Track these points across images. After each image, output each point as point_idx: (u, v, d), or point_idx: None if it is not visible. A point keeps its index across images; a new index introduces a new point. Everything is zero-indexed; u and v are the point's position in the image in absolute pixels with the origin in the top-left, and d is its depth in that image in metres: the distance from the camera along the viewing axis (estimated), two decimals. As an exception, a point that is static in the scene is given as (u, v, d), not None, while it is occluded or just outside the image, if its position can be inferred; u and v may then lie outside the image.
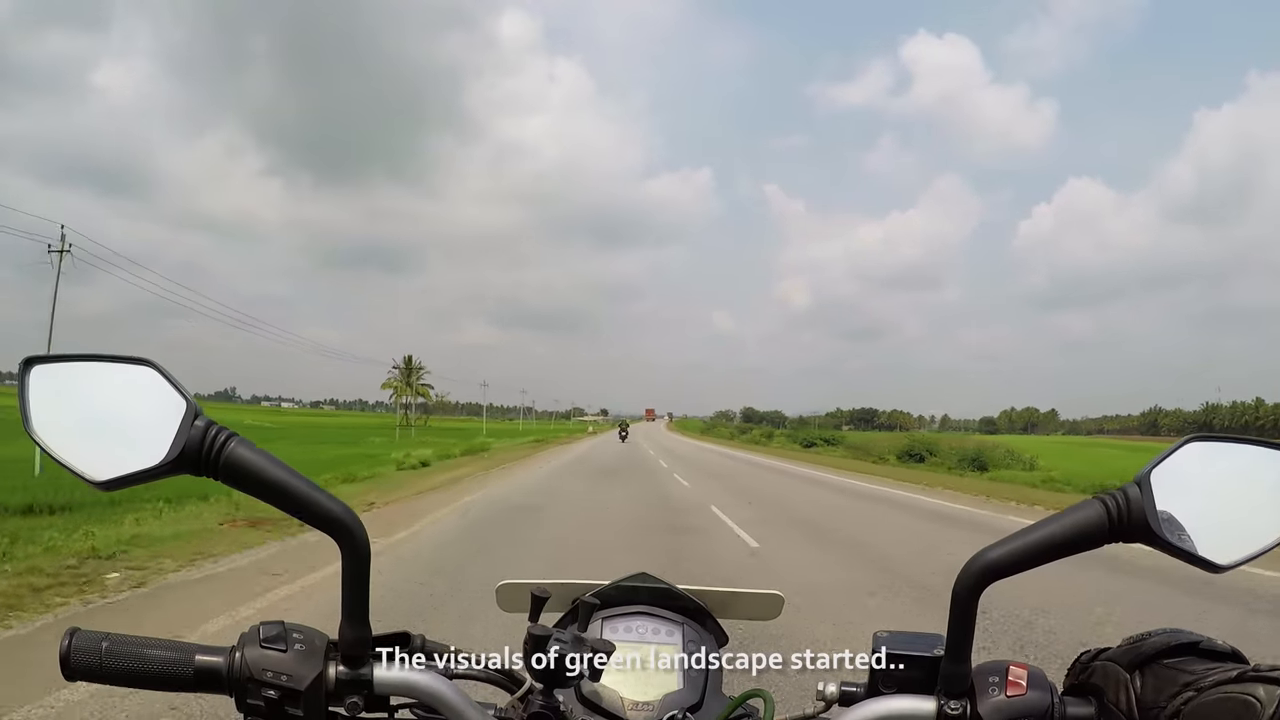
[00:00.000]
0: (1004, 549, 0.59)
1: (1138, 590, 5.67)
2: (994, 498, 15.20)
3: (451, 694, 0.61)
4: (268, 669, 0.57)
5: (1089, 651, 0.64)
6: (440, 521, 9.22)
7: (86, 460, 0.56)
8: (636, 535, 8.69)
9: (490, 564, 6.32)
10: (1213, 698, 0.52)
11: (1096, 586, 5.61)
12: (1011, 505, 13.61)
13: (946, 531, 9.96)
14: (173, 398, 0.57)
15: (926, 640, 0.65)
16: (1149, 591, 5.62)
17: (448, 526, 8.81)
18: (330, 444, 31.48)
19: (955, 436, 39.74)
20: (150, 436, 0.56)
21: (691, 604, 0.81)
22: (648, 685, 0.72)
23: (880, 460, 32.77)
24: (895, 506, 13.34)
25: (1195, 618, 4.83)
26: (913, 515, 11.98)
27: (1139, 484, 0.57)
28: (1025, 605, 4.83)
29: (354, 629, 0.60)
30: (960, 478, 23.00)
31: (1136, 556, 5.53)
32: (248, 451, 0.57)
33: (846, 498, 15.07)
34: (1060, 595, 5.12)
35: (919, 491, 16.55)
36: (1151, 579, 5.77)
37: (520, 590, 0.82)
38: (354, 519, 0.59)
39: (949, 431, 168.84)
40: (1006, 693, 0.59)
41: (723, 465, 26.41)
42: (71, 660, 0.57)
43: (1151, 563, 5.62)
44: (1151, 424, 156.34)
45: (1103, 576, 5.84)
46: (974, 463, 28.63)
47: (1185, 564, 0.57)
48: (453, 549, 7.22)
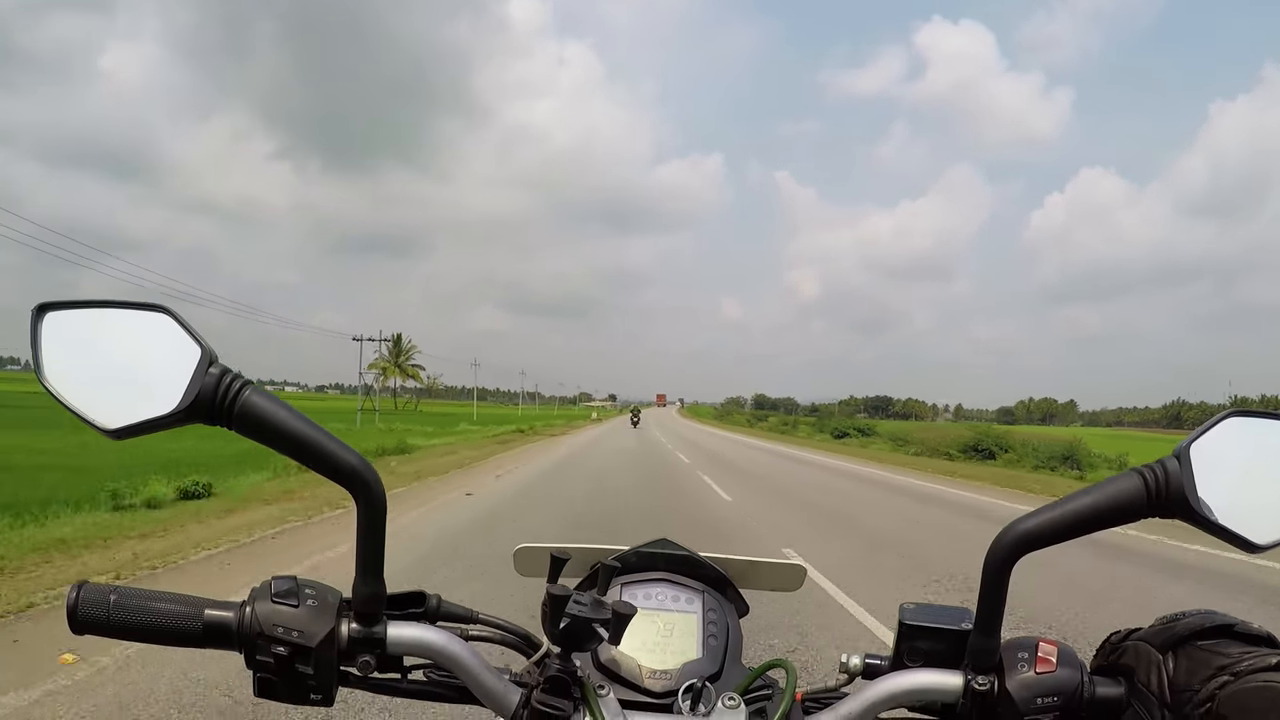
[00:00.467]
0: (1038, 519, 0.57)
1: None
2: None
3: (466, 655, 0.60)
4: (279, 624, 0.56)
5: (1120, 632, 0.62)
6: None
7: (98, 408, 0.55)
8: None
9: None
10: (1250, 685, 0.51)
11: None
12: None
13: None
14: (188, 344, 0.56)
15: (953, 614, 0.64)
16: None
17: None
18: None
19: (1020, 430, 35.04)
20: (163, 384, 0.55)
21: (712, 572, 0.79)
22: (666, 653, 0.70)
23: (933, 455, 27.27)
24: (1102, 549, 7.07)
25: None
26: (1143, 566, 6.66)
27: (1178, 457, 0.56)
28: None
29: (368, 585, 0.59)
30: (1060, 480, 18.21)
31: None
32: (263, 400, 0.56)
33: (989, 524, 8.61)
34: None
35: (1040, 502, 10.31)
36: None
37: (539, 553, 0.82)
38: (371, 471, 0.58)
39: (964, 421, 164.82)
40: (1035, 669, 0.58)
41: (757, 461, 21.43)
42: (79, 614, 0.56)
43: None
44: (1174, 417, 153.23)
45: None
46: (1067, 461, 22.35)
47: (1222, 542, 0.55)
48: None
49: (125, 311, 0.57)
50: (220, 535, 6.64)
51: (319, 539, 6.57)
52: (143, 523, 7.16)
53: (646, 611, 0.72)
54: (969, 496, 13.29)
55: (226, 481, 10.13)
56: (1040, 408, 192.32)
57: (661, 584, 0.76)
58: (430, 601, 0.67)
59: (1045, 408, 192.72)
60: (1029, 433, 35.59)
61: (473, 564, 5.74)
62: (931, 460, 25.50)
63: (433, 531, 7.14)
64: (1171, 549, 7.46)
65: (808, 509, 10.59)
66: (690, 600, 0.75)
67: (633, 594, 0.75)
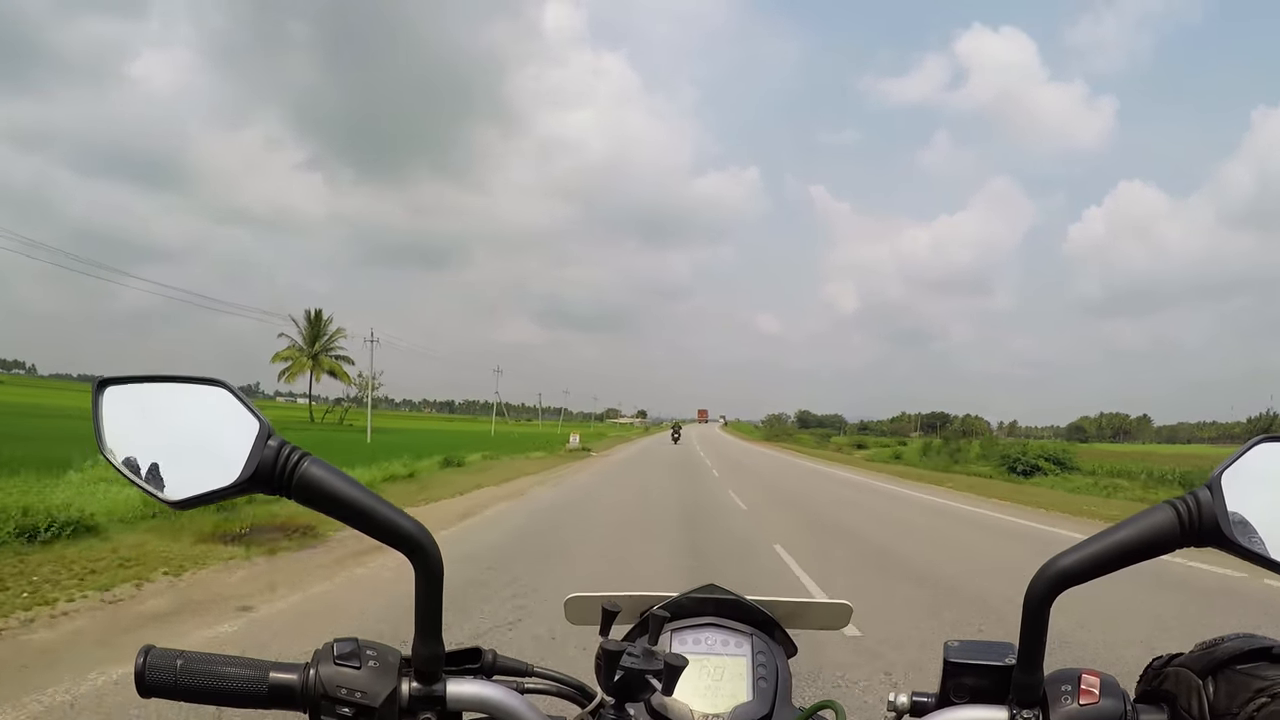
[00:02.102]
0: (1075, 556, 0.60)
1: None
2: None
3: (523, 708, 0.64)
4: (342, 686, 0.60)
5: (1161, 658, 0.65)
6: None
7: (160, 480, 0.59)
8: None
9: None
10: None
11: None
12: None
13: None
14: (245, 417, 0.60)
15: (997, 649, 0.66)
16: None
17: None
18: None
19: (1106, 448, 32.15)
20: (224, 456, 0.59)
21: (760, 615, 0.82)
22: (717, 697, 0.73)
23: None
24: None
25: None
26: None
27: (1210, 487, 0.58)
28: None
29: (427, 645, 0.62)
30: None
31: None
32: (320, 470, 0.59)
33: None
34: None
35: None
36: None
37: (590, 603, 0.84)
38: (427, 536, 0.61)
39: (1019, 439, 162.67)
40: (1079, 701, 0.60)
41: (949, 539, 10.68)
42: (146, 678, 0.59)
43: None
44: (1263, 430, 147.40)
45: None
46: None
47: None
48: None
49: (183, 386, 0.62)
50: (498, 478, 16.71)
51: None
52: (461, 470, 18.24)
53: (697, 656, 0.76)
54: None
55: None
56: (1111, 423, 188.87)
57: (711, 629, 0.80)
58: (486, 656, 0.70)
59: (1116, 423, 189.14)
60: (1123, 451, 33.61)
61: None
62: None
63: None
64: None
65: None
66: (739, 644, 0.78)
67: (683, 639, 0.79)
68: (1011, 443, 39.55)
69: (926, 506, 15.73)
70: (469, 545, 7.92)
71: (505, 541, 8.47)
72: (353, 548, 7.08)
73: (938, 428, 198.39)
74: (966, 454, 36.31)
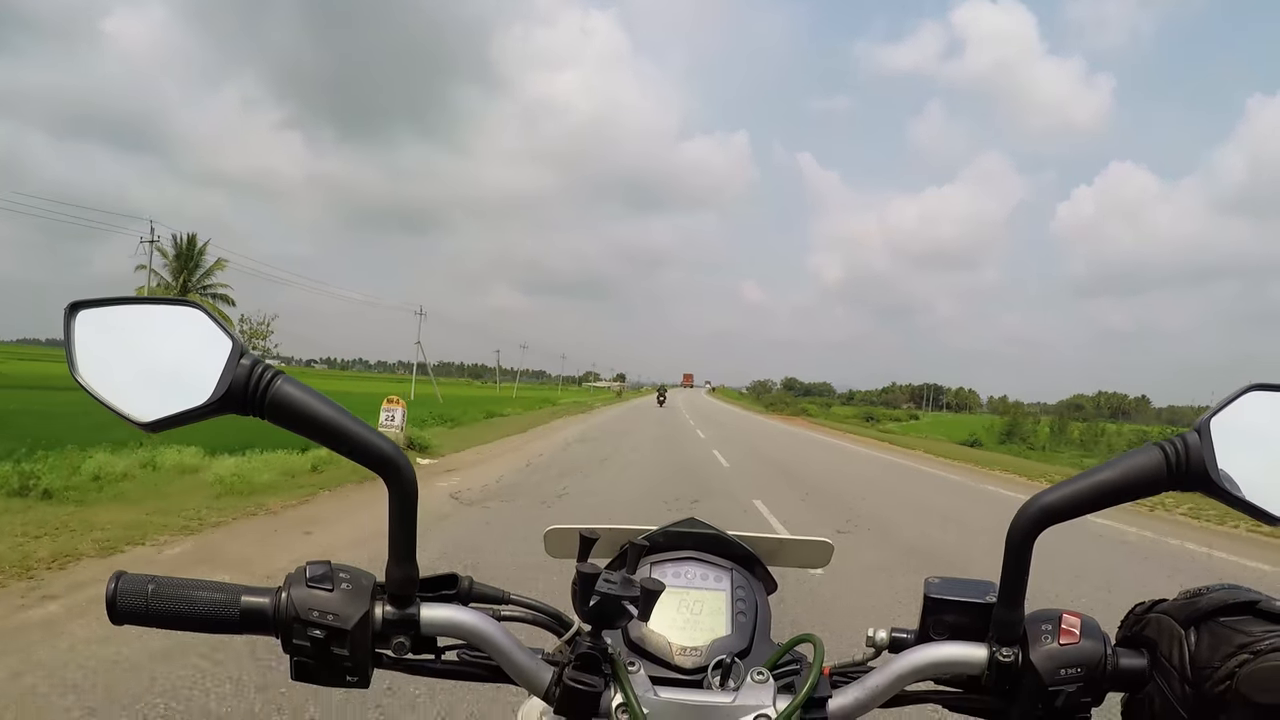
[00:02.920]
0: (1060, 493, 0.60)
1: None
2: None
3: (499, 635, 0.64)
4: (314, 608, 0.60)
5: (1143, 603, 0.65)
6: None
7: (132, 402, 0.58)
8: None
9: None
10: (1269, 664, 0.54)
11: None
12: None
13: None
14: (218, 337, 0.60)
15: (978, 587, 0.67)
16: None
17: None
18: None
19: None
20: (196, 376, 0.58)
21: (740, 550, 0.83)
22: (696, 630, 0.73)
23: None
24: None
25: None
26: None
27: (1198, 431, 0.58)
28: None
29: (401, 568, 0.62)
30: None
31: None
32: (294, 389, 0.59)
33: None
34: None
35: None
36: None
37: (568, 535, 0.85)
38: (402, 458, 0.61)
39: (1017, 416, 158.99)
40: (1059, 641, 0.61)
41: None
42: (118, 604, 0.60)
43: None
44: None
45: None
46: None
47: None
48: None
49: (156, 307, 0.61)
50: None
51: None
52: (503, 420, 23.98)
53: (676, 589, 0.76)
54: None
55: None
56: (1110, 402, 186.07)
57: (690, 562, 0.80)
58: (463, 583, 0.70)
59: (1115, 403, 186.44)
60: (1133, 430, 29.81)
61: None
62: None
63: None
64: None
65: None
66: (719, 578, 0.79)
67: (662, 572, 0.79)
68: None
69: (911, 470, 15.54)
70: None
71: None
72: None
73: (932, 400, 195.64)
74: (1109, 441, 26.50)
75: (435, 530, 6.49)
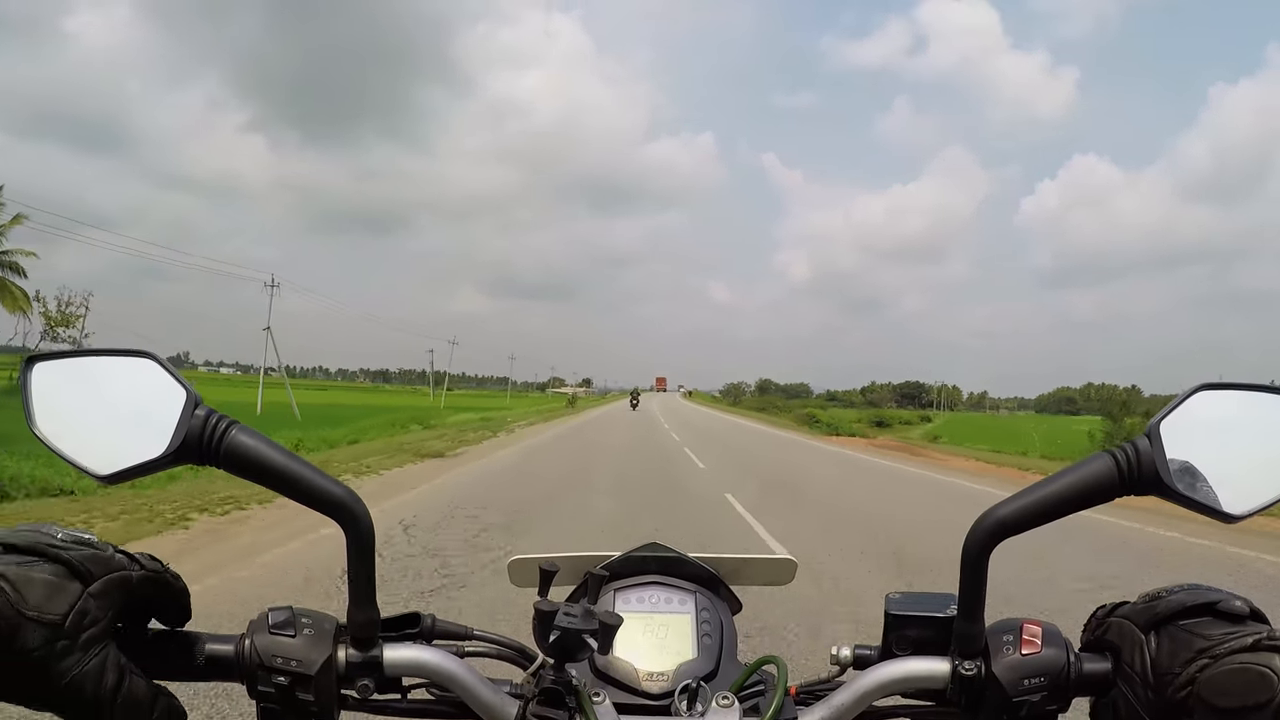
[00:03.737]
0: (1014, 505, 0.61)
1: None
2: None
3: (463, 672, 0.64)
4: (277, 655, 0.60)
5: (1105, 607, 0.65)
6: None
7: (90, 454, 0.59)
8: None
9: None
10: (1228, 667, 0.54)
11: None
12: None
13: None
14: (173, 388, 0.60)
15: (938, 600, 0.68)
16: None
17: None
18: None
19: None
20: (152, 428, 0.59)
21: (703, 572, 0.83)
22: (662, 655, 0.74)
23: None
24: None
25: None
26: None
27: (1149, 435, 0.59)
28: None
29: (362, 611, 0.63)
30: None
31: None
32: (248, 438, 0.60)
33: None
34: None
35: None
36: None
37: (531, 565, 0.84)
38: (357, 502, 0.62)
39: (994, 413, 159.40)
40: (1021, 651, 0.62)
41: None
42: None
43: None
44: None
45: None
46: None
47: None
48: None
49: (110, 359, 0.62)
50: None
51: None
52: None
53: (640, 614, 0.76)
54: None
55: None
56: (1100, 394, 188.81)
57: (654, 587, 0.80)
58: (425, 621, 0.70)
59: (1106, 394, 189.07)
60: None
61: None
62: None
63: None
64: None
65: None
66: (683, 601, 0.79)
67: (625, 598, 0.79)
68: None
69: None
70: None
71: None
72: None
73: (915, 399, 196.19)
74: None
75: None
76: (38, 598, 0.50)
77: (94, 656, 0.51)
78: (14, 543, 0.52)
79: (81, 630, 0.51)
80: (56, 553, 0.53)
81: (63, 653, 0.50)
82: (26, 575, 0.50)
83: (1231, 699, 0.54)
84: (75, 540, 0.55)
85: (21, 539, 0.53)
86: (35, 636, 0.49)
